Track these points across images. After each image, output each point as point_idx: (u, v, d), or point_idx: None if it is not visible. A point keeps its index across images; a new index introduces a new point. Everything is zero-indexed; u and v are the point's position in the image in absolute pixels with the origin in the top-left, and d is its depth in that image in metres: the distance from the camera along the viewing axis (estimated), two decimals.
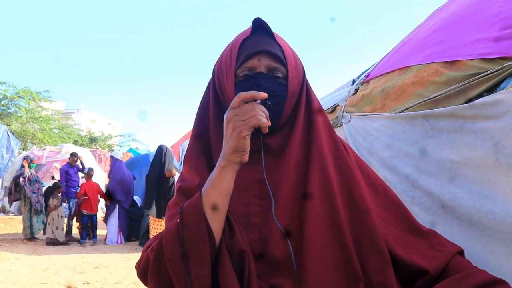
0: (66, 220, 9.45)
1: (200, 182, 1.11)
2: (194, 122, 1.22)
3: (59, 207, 8.77)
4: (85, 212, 8.93)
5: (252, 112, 0.98)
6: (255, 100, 1.00)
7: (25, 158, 9.87)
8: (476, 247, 1.24)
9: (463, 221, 1.30)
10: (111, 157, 9.88)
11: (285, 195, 1.09)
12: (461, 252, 1.14)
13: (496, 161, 1.22)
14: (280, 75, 1.12)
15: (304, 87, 1.18)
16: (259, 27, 1.15)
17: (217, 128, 1.14)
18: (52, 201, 8.81)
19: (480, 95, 1.36)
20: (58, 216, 8.64)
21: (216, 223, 0.99)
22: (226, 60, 1.15)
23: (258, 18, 1.14)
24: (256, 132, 1.02)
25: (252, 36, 1.14)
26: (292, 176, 1.11)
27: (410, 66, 1.66)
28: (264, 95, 1.01)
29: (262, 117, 0.99)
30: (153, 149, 12.93)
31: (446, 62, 1.50)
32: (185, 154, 1.22)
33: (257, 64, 1.11)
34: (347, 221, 1.08)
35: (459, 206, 1.31)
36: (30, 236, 9.09)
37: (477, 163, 1.28)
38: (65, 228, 9.23)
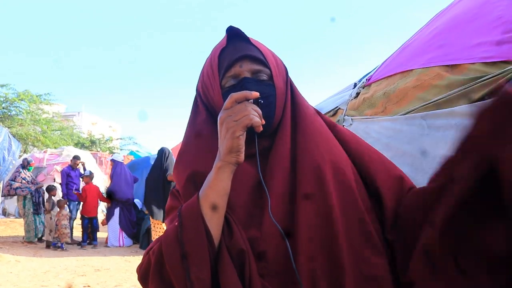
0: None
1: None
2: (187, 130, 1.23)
3: (51, 211, 8.75)
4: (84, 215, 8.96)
5: (244, 112, 0.99)
6: (248, 100, 1.01)
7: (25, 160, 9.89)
8: None
9: None
10: (112, 160, 9.88)
11: (278, 195, 1.09)
12: None
13: None
14: (265, 77, 1.13)
15: (289, 85, 1.19)
16: (234, 35, 1.16)
17: (210, 131, 1.15)
18: (47, 204, 8.82)
19: (482, 99, 1.36)
20: (50, 219, 8.62)
21: (215, 224, 1.00)
22: (208, 74, 1.16)
23: (231, 26, 1.16)
24: (252, 132, 1.03)
25: (229, 45, 1.15)
26: (283, 176, 1.11)
27: (411, 70, 1.66)
28: (256, 94, 1.01)
29: (255, 116, 1.00)
30: (154, 152, 12.96)
31: (448, 65, 1.50)
32: (177, 157, 1.23)
33: (239, 71, 1.11)
34: (341, 218, 1.08)
35: None
36: (33, 239, 9.08)
37: None
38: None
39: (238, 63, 1.11)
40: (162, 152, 8.21)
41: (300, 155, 1.12)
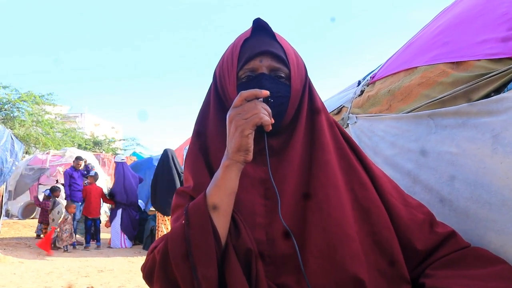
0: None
1: (196, 183, 1.10)
2: (196, 122, 1.22)
3: (52, 210, 8.77)
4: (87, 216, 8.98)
5: (254, 110, 0.98)
6: (257, 98, 1.00)
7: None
8: (474, 239, 1.22)
9: (460, 213, 1.29)
10: (115, 162, 9.92)
11: (288, 195, 1.08)
12: None
13: (493, 151, 1.22)
14: (282, 75, 1.12)
15: (307, 87, 1.18)
16: (260, 28, 1.15)
17: (218, 128, 1.14)
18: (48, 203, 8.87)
19: (487, 96, 1.35)
20: (53, 221, 8.63)
21: (222, 223, 0.99)
22: (227, 62, 1.14)
23: (258, 18, 1.14)
24: (260, 131, 1.02)
25: (253, 37, 1.14)
26: (295, 176, 1.11)
27: (416, 67, 1.65)
28: (266, 92, 1.00)
29: (265, 115, 0.99)
30: (155, 153, 12.96)
31: (453, 62, 1.49)
32: (186, 156, 1.22)
33: (258, 65, 1.10)
34: (354, 220, 1.07)
35: (457, 199, 1.31)
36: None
37: (475, 153, 1.27)
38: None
39: (258, 58, 1.10)
40: (166, 153, 8.23)
41: (315, 157, 1.12)
